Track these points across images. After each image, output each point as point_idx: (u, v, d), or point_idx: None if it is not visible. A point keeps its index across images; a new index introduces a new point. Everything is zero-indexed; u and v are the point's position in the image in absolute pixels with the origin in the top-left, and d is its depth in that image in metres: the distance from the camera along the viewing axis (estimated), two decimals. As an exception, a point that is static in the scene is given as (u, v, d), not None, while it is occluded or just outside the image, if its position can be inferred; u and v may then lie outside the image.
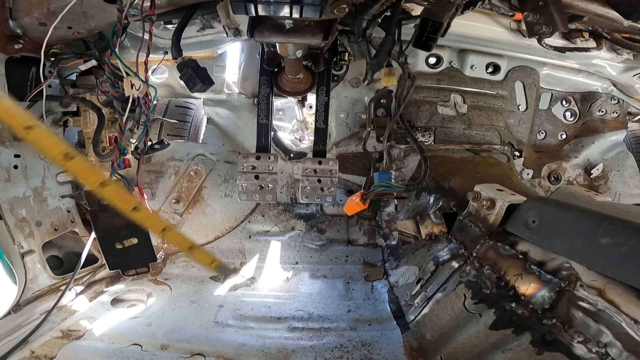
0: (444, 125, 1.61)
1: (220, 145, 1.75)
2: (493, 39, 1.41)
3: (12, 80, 1.18)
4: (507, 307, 0.88)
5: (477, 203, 1.08)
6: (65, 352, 1.05)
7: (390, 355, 1.06)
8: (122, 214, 0.94)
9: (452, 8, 0.92)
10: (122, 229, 1.18)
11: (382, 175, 1.25)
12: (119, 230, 1.18)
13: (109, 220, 1.17)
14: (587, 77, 1.77)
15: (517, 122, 1.76)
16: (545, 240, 0.88)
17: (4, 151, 1.19)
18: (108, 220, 1.17)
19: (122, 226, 1.18)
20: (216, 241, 1.73)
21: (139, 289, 1.43)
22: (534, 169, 1.82)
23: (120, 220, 1.17)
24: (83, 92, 1.36)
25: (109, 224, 1.17)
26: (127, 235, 1.19)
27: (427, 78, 1.58)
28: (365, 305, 1.32)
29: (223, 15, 1.06)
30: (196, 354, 1.05)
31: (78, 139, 1.46)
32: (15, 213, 1.22)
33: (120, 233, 1.18)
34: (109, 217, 1.17)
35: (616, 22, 1.10)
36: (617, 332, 0.67)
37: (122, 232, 1.18)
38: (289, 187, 1.78)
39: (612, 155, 1.93)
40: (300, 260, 1.65)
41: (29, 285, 1.23)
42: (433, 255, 1.22)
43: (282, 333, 1.16)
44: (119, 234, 1.18)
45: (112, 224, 1.17)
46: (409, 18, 1.16)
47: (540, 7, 1.01)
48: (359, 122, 1.68)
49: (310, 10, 0.71)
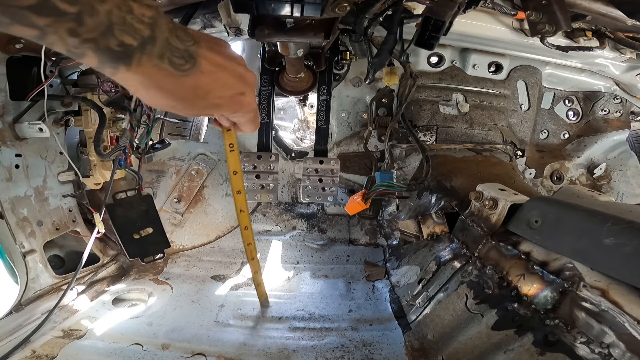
0: (445, 124, 1.60)
1: (221, 144, 1.75)
2: (495, 38, 1.40)
3: (13, 79, 1.18)
4: (509, 307, 0.88)
5: (479, 203, 1.07)
6: (67, 351, 1.05)
7: (392, 355, 1.05)
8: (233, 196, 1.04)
9: (455, 7, 0.92)
10: (137, 220, 1.27)
11: (384, 175, 1.24)
12: (134, 221, 1.27)
13: (125, 213, 1.26)
14: (590, 76, 1.76)
15: (520, 121, 1.76)
16: (548, 240, 0.87)
17: (5, 150, 1.19)
18: (124, 214, 1.25)
19: (137, 218, 1.27)
20: (217, 240, 1.74)
21: (140, 289, 1.43)
22: (537, 169, 1.81)
23: (135, 212, 1.27)
24: (84, 91, 1.36)
25: (125, 216, 1.26)
26: (143, 226, 1.28)
27: (429, 77, 1.57)
28: (367, 305, 1.32)
29: (224, 14, 1.06)
30: (197, 354, 1.05)
31: (79, 138, 1.46)
32: (16, 212, 1.22)
33: (136, 224, 1.27)
34: (125, 211, 1.26)
35: (620, 21, 1.10)
36: (620, 333, 0.67)
37: (138, 223, 1.27)
38: (290, 187, 1.77)
39: (615, 155, 1.92)
40: (302, 260, 1.65)
41: (30, 284, 1.23)
42: (435, 255, 1.21)
43: (283, 333, 1.16)
44: (134, 225, 1.27)
45: (128, 216, 1.26)
46: (411, 17, 1.15)
47: (543, 6, 1.01)
48: (361, 121, 1.67)
49: (312, 9, 0.70)
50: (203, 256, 1.67)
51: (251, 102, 0.65)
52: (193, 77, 0.51)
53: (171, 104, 0.53)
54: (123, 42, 0.43)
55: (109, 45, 0.42)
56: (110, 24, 0.41)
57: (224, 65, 0.55)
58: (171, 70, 0.48)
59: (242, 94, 0.62)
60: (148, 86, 0.49)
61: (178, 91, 0.51)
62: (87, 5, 0.39)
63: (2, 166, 1.19)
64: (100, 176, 1.43)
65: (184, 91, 0.52)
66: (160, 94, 0.50)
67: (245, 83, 0.61)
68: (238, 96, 0.61)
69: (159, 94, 0.50)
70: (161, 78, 0.48)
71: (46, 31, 0.39)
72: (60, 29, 0.39)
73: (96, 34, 0.41)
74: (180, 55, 0.49)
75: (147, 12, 0.44)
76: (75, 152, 1.46)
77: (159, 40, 0.46)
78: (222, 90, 0.57)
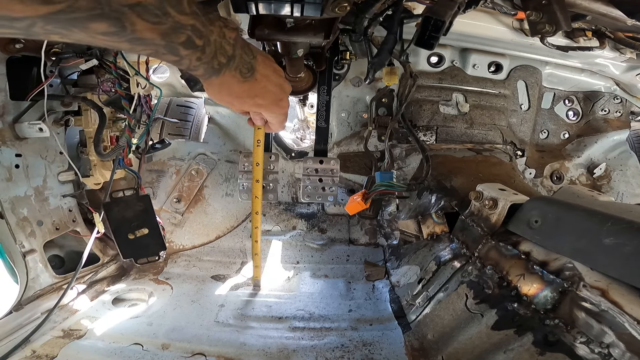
0: (445, 124, 1.60)
1: (221, 144, 1.75)
2: (495, 37, 1.40)
3: (13, 79, 1.18)
4: (509, 307, 0.88)
5: (479, 203, 1.07)
6: (67, 351, 1.05)
7: (392, 355, 1.05)
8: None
9: (455, 6, 0.92)
10: (133, 220, 1.25)
11: (384, 175, 1.24)
12: (130, 221, 1.24)
13: (121, 213, 1.23)
14: (590, 76, 1.76)
15: (520, 121, 1.76)
16: (548, 240, 0.87)
17: (5, 150, 1.19)
18: (120, 213, 1.23)
19: (133, 217, 1.25)
20: (217, 240, 1.74)
21: (140, 289, 1.43)
22: (537, 169, 1.81)
23: (131, 212, 1.24)
24: (84, 91, 1.36)
25: (121, 216, 1.23)
26: (139, 226, 1.25)
27: (429, 77, 1.57)
28: (367, 305, 1.32)
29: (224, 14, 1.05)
30: (197, 354, 1.05)
31: (79, 138, 1.46)
32: (16, 212, 1.22)
33: (132, 224, 1.24)
34: (121, 210, 1.24)
35: (620, 21, 1.10)
36: (620, 333, 0.67)
37: (134, 223, 1.25)
38: (290, 187, 1.77)
39: (615, 155, 1.92)
40: (302, 260, 1.65)
41: (30, 284, 1.23)
42: (435, 255, 1.21)
43: (283, 333, 1.16)
44: (130, 225, 1.24)
45: (124, 215, 1.24)
46: (411, 17, 1.15)
47: (543, 5, 1.01)
48: (361, 121, 1.67)
49: (312, 9, 0.70)
50: (203, 256, 1.68)
51: (285, 107, 0.84)
52: (250, 83, 0.69)
53: (231, 101, 0.74)
54: (220, 61, 0.61)
55: (213, 65, 0.60)
56: (216, 50, 0.59)
57: (270, 77, 0.73)
58: (239, 78, 0.67)
59: (280, 100, 0.80)
60: (222, 89, 0.68)
61: (238, 92, 0.70)
62: (206, 38, 0.56)
63: (2, 166, 1.19)
64: (100, 176, 1.43)
65: (242, 92, 0.71)
66: (227, 93, 0.69)
67: (283, 92, 0.79)
68: (277, 101, 0.79)
69: (227, 93, 0.69)
70: (233, 84, 0.67)
71: (184, 58, 0.55)
72: (193, 57, 0.56)
73: (209, 58, 0.59)
74: (246, 67, 0.67)
75: (231, 35, 0.61)
76: (75, 152, 1.46)
77: (237, 57, 0.64)
78: (266, 95, 0.75)
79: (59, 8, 0.37)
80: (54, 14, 0.37)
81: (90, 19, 0.40)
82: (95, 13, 0.40)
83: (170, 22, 0.48)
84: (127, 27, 0.44)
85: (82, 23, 0.41)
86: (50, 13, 0.37)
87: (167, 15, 0.47)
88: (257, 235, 1.32)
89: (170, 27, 0.49)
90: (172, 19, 0.48)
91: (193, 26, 0.52)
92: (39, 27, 0.39)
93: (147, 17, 0.45)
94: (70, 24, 0.40)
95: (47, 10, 0.37)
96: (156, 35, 0.48)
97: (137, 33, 0.46)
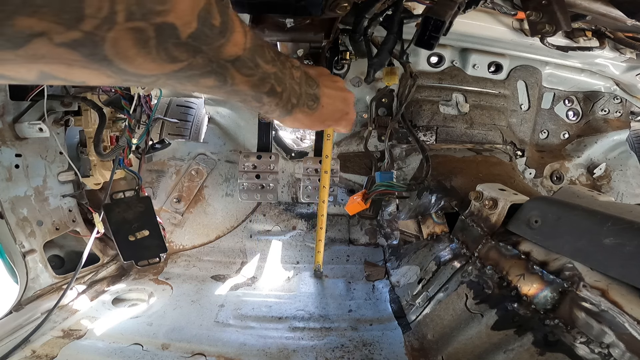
0: (445, 124, 1.60)
1: (221, 144, 1.75)
2: (495, 38, 1.40)
3: (14, 79, 1.18)
4: (509, 307, 0.88)
5: (479, 203, 1.07)
6: (67, 351, 1.05)
7: (392, 355, 1.05)
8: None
9: (455, 7, 0.92)
10: (134, 221, 1.24)
11: (384, 175, 1.24)
12: (131, 222, 1.24)
13: (122, 214, 1.23)
14: (590, 76, 1.76)
15: (520, 121, 1.76)
16: (548, 240, 0.87)
17: (5, 150, 1.19)
18: (121, 214, 1.23)
19: (133, 219, 1.24)
20: (217, 240, 1.74)
21: (140, 289, 1.43)
22: (537, 169, 1.81)
23: (132, 213, 1.24)
24: (84, 91, 1.36)
25: (122, 217, 1.23)
26: (139, 228, 1.25)
27: (429, 77, 1.57)
28: (367, 305, 1.32)
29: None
30: (197, 354, 1.05)
31: (79, 138, 1.46)
32: (16, 212, 1.22)
33: (132, 226, 1.24)
34: (122, 211, 1.23)
35: (620, 21, 1.10)
36: (620, 333, 0.67)
37: (134, 224, 1.24)
38: (290, 187, 1.77)
39: (615, 155, 1.92)
40: (302, 260, 1.65)
41: (30, 284, 1.23)
42: (435, 255, 1.21)
43: (283, 333, 1.16)
44: (131, 227, 1.24)
45: (125, 217, 1.23)
46: (411, 17, 1.15)
47: (543, 6, 1.01)
48: (360, 121, 1.67)
49: (312, 9, 0.70)
50: (203, 256, 1.67)
51: (352, 117, 0.87)
52: (317, 113, 0.73)
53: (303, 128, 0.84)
54: (292, 102, 0.65)
55: (287, 108, 0.64)
56: (290, 93, 0.62)
57: (334, 96, 0.77)
58: (307, 111, 0.71)
59: (346, 113, 0.83)
60: (294, 124, 0.72)
61: (309, 123, 0.74)
62: (283, 84, 0.59)
63: (2, 166, 1.19)
64: (100, 176, 1.43)
65: (312, 122, 0.75)
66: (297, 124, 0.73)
67: (348, 104, 0.83)
68: (343, 115, 0.83)
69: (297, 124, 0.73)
70: (302, 118, 0.71)
71: (265, 105, 0.59)
72: (272, 103, 0.60)
73: (285, 102, 0.62)
74: (311, 98, 0.70)
75: (297, 74, 0.64)
76: (75, 152, 1.46)
77: (303, 94, 0.67)
78: (334, 115, 0.79)
79: (180, 67, 0.41)
80: (176, 72, 0.41)
81: (203, 75, 0.44)
82: (207, 70, 0.44)
83: (259, 74, 0.52)
84: (228, 81, 0.48)
85: (195, 79, 0.44)
86: (174, 71, 0.41)
87: (257, 67, 0.51)
88: (322, 222, 1.39)
89: (259, 78, 0.52)
90: (260, 69, 0.52)
91: (275, 74, 0.56)
92: (161, 82, 0.42)
93: (244, 70, 0.49)
94: (186, 80, 0.44)
95: (172, 68, 0.40)
96: (248, 87, 0.52)
97: (235, 86, 0.50)
